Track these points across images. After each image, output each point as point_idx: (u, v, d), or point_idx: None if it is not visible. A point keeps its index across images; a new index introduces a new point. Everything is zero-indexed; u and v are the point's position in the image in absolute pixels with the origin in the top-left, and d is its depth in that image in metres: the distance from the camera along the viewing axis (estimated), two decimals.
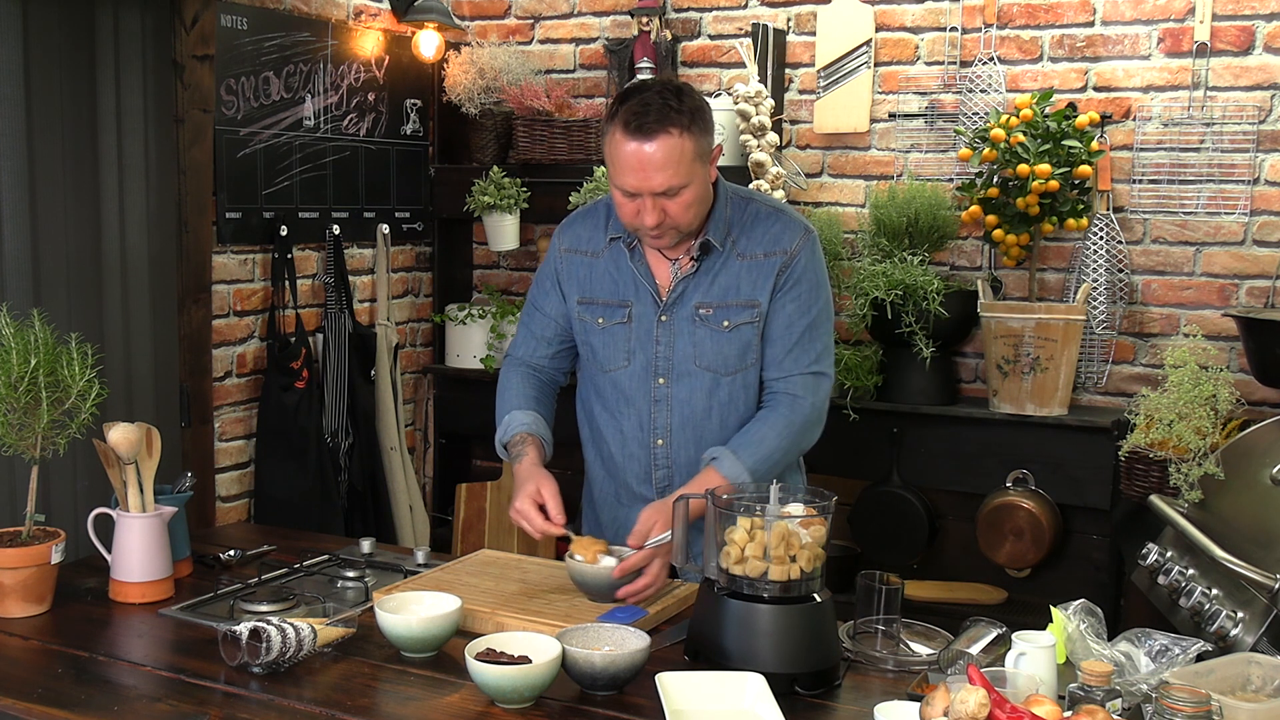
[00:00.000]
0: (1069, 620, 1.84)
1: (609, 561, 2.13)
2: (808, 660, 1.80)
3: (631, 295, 2.32)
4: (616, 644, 1.80)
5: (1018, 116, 3.34)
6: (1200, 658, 1.77)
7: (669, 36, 3.84)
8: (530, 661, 1.71)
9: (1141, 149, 3.39)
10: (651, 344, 2.31)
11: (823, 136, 3.76)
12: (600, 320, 2.35)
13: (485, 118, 3.94)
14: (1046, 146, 3.29)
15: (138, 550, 2.15)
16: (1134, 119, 3.39)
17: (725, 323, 2.27)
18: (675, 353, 2.29)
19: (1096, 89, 3.44)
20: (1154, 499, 2.64)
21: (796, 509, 1.87)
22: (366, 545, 2.47)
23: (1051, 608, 1.87)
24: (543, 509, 2.18)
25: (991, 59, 3.52)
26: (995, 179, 3.41)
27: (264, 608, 2.07)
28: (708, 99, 3.67)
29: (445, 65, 3.97)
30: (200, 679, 1.81)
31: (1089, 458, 3.26)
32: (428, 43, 3.90)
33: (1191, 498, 2.59)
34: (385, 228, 3.91)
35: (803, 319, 2.27)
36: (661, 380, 2.31)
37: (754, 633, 1.80)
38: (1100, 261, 3.40)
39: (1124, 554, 3.10)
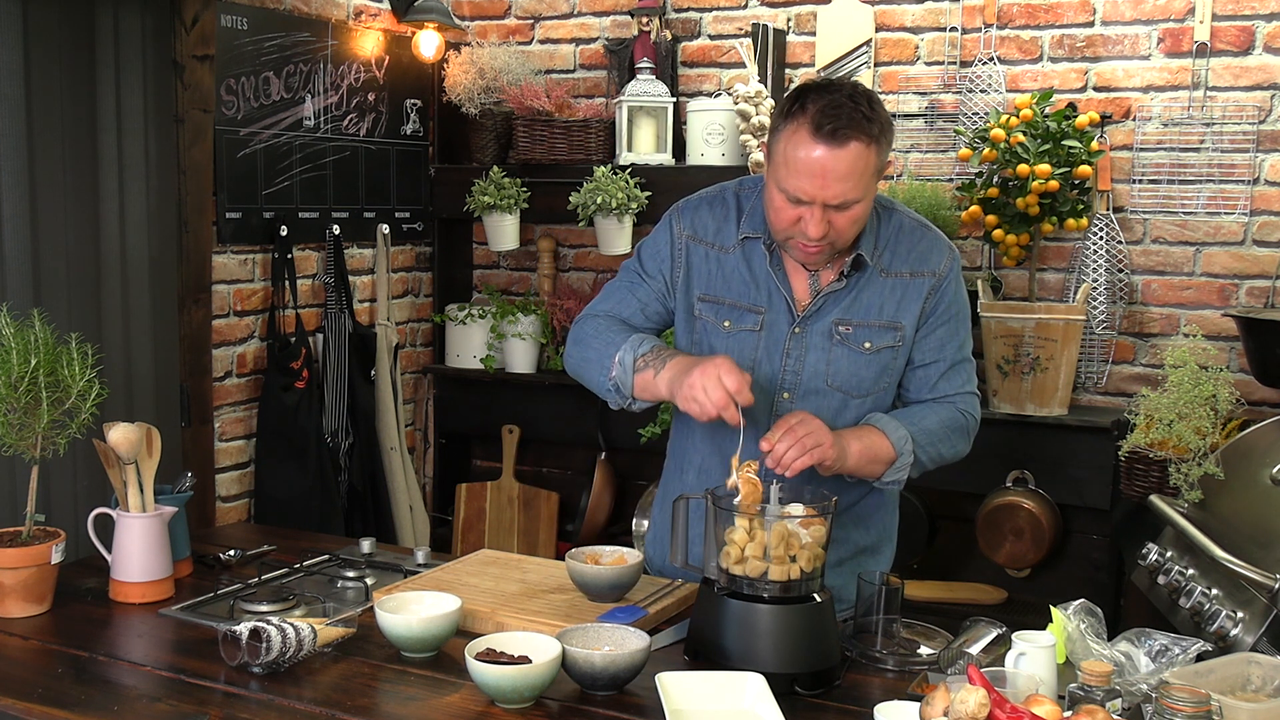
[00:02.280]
0: (1069, 620, 1.84)
1: (609, 561, 2.14)
2: (808, 660, 1.80)
3: (765, 302, 2.13)
4: (616, 644, 1.80)
5: (1018, 116, 3.34)
6: (1200, 658, 1.77)
7: (669, 36, 3.84)
8: (530, 661, 1.71)
9: (1141, 149, 3.39)
10: (780, 356, 2.13)
11: None
12: (727, 324, 2.15)
13: (485, 118, 3.94)
14: (1046, 146, 3.29)
15: (138, 550, 2.15)
16: (1134, 119, 3.39)
17: (867, 344, 2.12)
18: (805, 368, 2.12)
19: (1096, 89, 3.44)
20: (1154, 499, 2.64)
21: (796, 509, 1.87)
22: (366, 545, 2.47)
23: (1051, 608, 1.87)
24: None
25: (991, 59, 3.52)
26: (995, 179, 3.41)
27: (264, 608, 2.07)
28: (708, 99, 3.69)
29: (445, 65, 3.97)
30: (200, 679, 1.81)
31: (1089, 458, 3.26)
32: (428, 43, 3.90)
33: (1191, 498, 2.59)
34: (385, 228, 3.91)
35: (955, 341, 2.16)
36: (785, 395, 2.13)
37: (754, 633, 1.80)
38: (1100, 261, 3.40)
39: (1124, 554, 3.10)
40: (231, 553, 2.40)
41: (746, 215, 2.15)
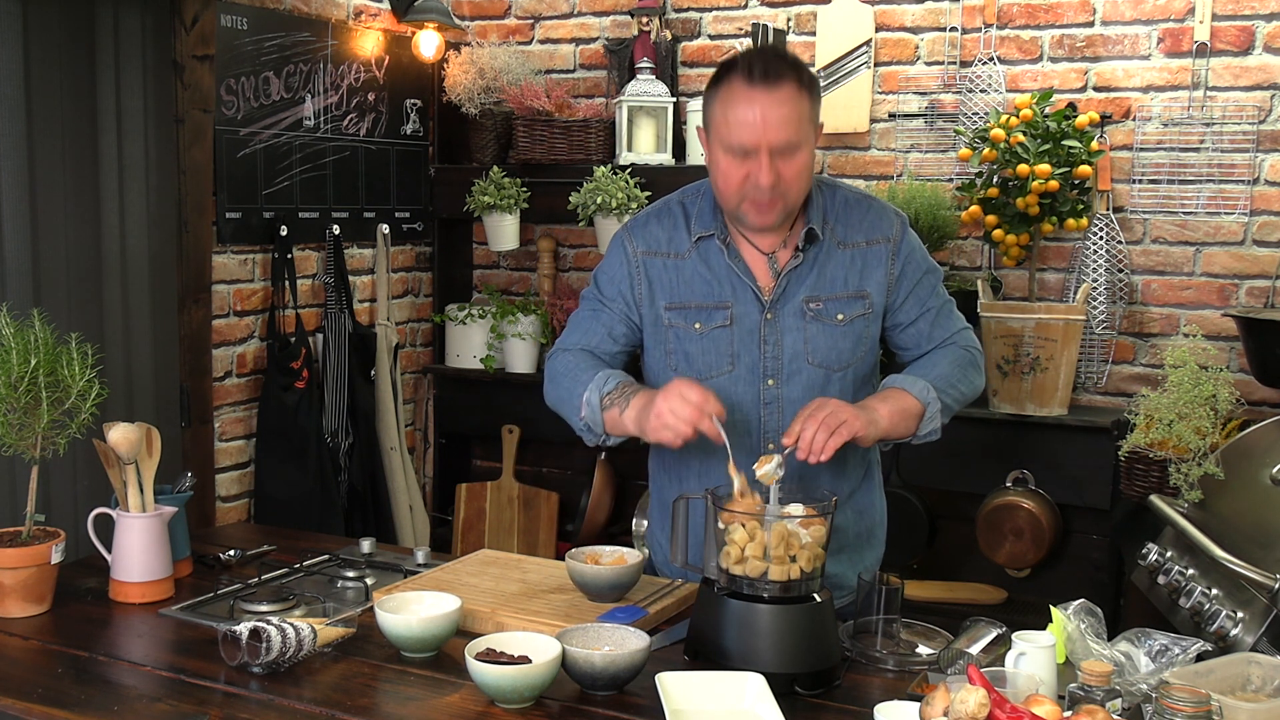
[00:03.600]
0: (1069, 620, 1.84)
1: (609, 561, 2.14)
2: (808, 660, 1.80)
3: (730, 296, 2.16)
4: (616, 644, 1.80)
5: (1018, 116, 3.34)
6: (1200, 658, 1.77)
7: (669, 36, 3.84)
8: (530, 661, 1.71)
9: (1141, 149, 3.39)
10: (757, 345, 2.16)
11: (823, 136, 3.74)
12: (698, 325, 2.17)
13: (485, 118, 3.95)
14: (1046, 146, 3.29)
15: (138, 550, 2.14)
16: (1134, 119, 3.39)
17: (840, 316, 2.16)
18: (784, 351, 2.15)
19: (1096, 89, 3.44)
20: (1154, 499, 2.64)
21: (796, 509, 1.87)
22: (366, 545, 2.47)
23: (1051, 608, 1.87)
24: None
25: (991, 59, 3.52)
26: (995, 179, 3.41)
27: (264, 608, 2.07)
28: (701, 95, 3.69)
29: (445, 65, 3.97)
30: (200, 679, 1.81)
31: (1089, 458, 3.26)
32: (428, 43, 3.90)
33: (1191, 498, 2.59)
34: (385, 228, 3.91)
35: (935, 290, 2.23)
36: (770, 382, 2.16)
37: (754, 633, 1.80)
38: (1100, 261, 3.40)
39: (1124, 554, 3.09)
40: (231, 553, 2.40)
41: (695, 217, 2.20)
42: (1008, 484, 3.37)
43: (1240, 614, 2.21)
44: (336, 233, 3.68)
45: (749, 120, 2.00)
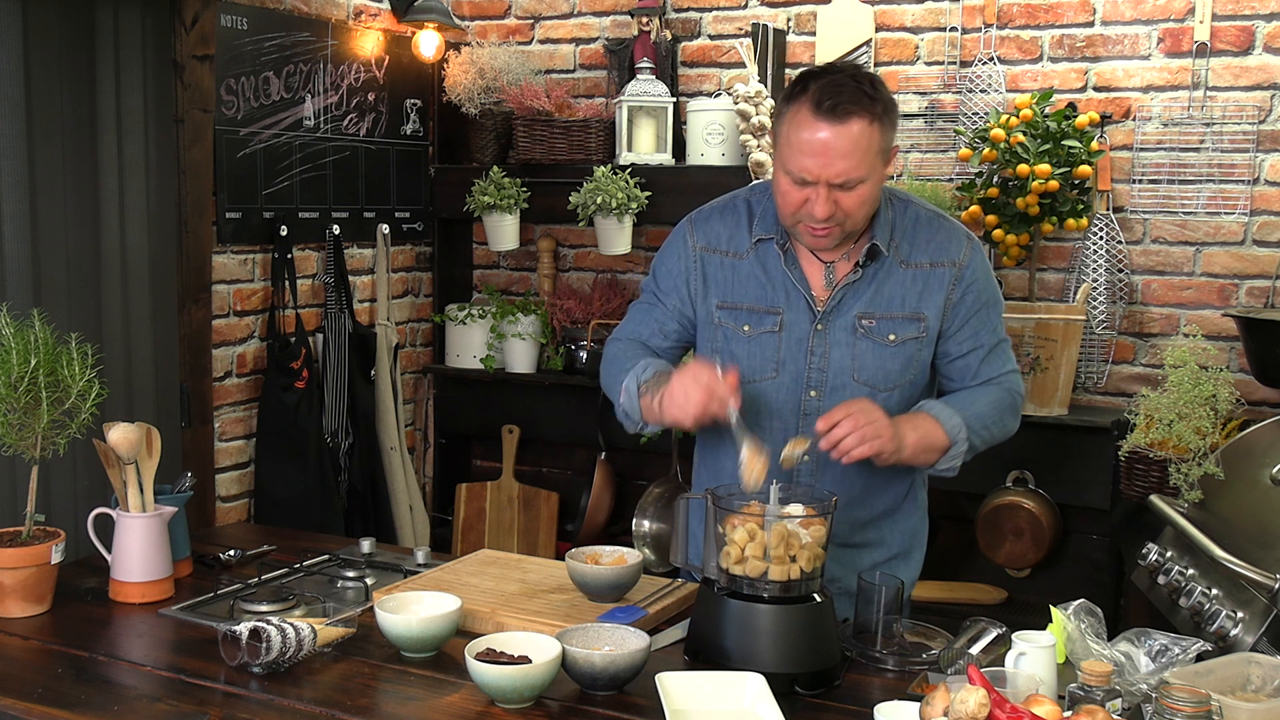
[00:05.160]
0: (1069, 620, 1.84)
1: (609, 561, 2.14)
2: (808, 660, 1.80)
3: (782, 302, 2.13)
4: (616, 644, 1.80)
5: (1018, 116, 3.34)
6: (1200, 658, 1.77)
7: (669, 36, 3.84)
8: (530, 661, 1.71)
9: (1141, 149, 3.39)
10: (804, 355, 2.12)
11: None
12: (747, 328, 2.15)
13: (485, 118, 3.94)
14: (1046, 146, 3.29)
15: (138, 550, 2.14)
16: (1134, 119, 3.39)
17: (891, 336, 2.11)
18: (830, 364, 2.12)
19: (1096, 89, 3.44)
20: (1154, 499, 2.64)
21: (796, 509, 1.87)
22: (366, 545, 2.47)
23: (1051, 608, 1.87)
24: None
25: (991, 59, 3.52)
26: (995, 179, 3.41)
27: (264, 608, 2.07)
28: (708, 99, 3.69)
29: (445, 65, 3.97)
30: (200, 679, 1.81)
31: (1089, 458, 3.26)
32: (428, 43, 3.90)
33: (1191, 498, 2.59)
34: (385, 228, 3.91)
35: (992, 325, 2.17)
36: (813, 393, 2.13)
37: (754, 633, 1.80)
38: (1100, 261, 3.40)
39: (1124, 554, 3.10)
40: (231, 553, 2.40)
41: (759, 218, 2.16)
42: (1008, 484, 3.37)
43: (1240, 614, 2.21)
44: (336, 233, 3.68)
45: (811, 152, 1.95)
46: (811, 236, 2.05)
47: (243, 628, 1.81)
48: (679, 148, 3.76)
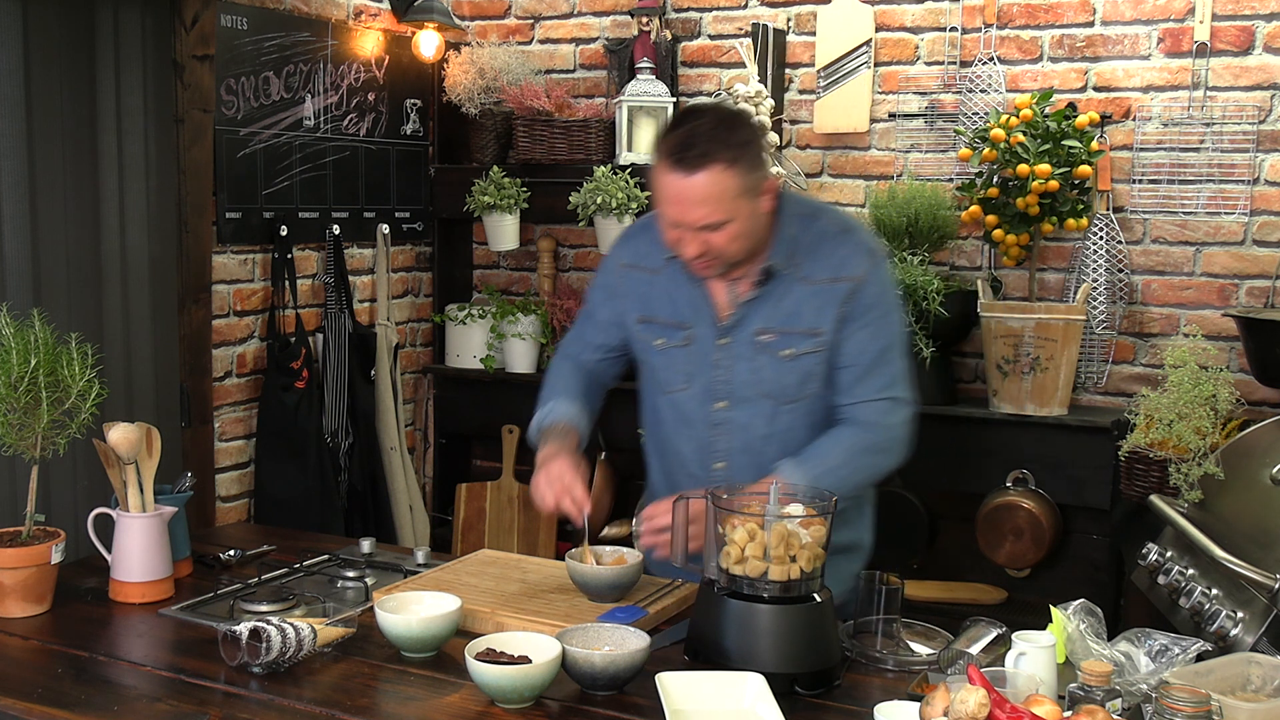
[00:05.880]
0: (1069, 620, 1.84)
1: (609, 561, 2.14)
2: (808, 660, 1.80)
3: (690, 317, 2.24)
4: (616, 644, 1.80)
5: (1018, 116, 3.34)
6: (1200, 658, 1.77)
7: (669, 36, 3.84)
8: (530, 661, 1.71)
9: (1141, 149, 3.39)
10: (710, 368, 2.23)
11: (823, 136, 3.76)
12: (659, 341, 2.28)
13: (485, 118, 3.95)
14: (1046, 146, 3.29)
15: (138, 550, 2.15)
16: (1134, 119, 3.39)
17: (787, 350, 2.18)
18: (735, 377, 2.21)
19: (1096, 89, 3.44)
20: (1154, 499, 2.64)
21: (796, 509, 1.87)
22: (366, 545, 2.47)
23: (1051, 608, 1.87)
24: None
25: (991, 59, 3.52)
26: (995, 179, 3.41)
27: (264, 608, 2.07)
28: (708, 99, 3.68)
29: (445, 65, 3.97)
30: (200, 679, 1.81)
31: (1089, 458, 3.26)
32: (428, 43, 3.90)
33: (1191, 498, 2.59)
34: (385, 228, 3.91)
35: (874, 345, 2.18)
36: (721, 404, 2.23)
37: (754, 633, 1.80)
38: (1100, 261, 3.40)
39: (1124, 554, 3.10)
40: (231, 553, 2.40)
41: None
42: (1008, 484, 3.37)
43: (1240, 614, 2.21)
44: (336, 233, 3.68)
45: (670, 201, 2.06)
46: (693, 268, 2.17)
47: (243, 628, 1.81)
48: None
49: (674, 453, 2.34)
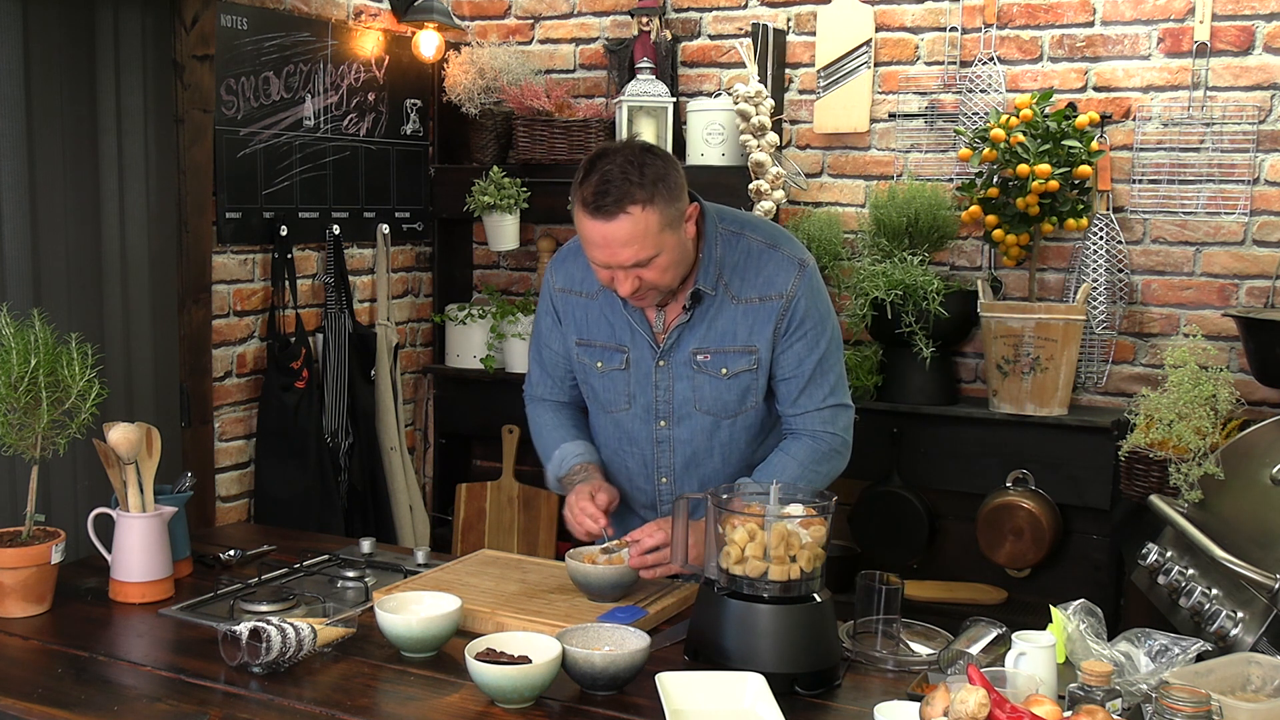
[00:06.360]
0: (1069, 620, 1.84)
1: (609, 559, 2.14)
2: (808, 660, 1.80)
3: (628, 340, 2.30)
4: (616, 644, 1.80)
5: (1018, 116, 3.34)
6: (1200, 658, 1.77)
7: (669, 36, 3.84)
8: (530, 661, 1.71)
9: (1141, 149, 3.39)
10: (650, 388, 2.30)
11: (823, 136, 3.76)
12: (599, 364, 2.33)
13: (485, 118, 3.95)
14: (1046, 146, 3.29)
15: (138, 550, 2.15)
16: (1134, 119, 3.39)
17: (724, 370, 2.25)
18: (675, 397, 2.29)
19: (1096, 89, 3.44)
20: (1154, 499, 2.64)
21: (796, 509, 1.87)
22: (366, 545, 2.47)
23: (1051, 608, 1.87)
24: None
25: (991, 59, 3.52)
26: (995, 179, 3.41)
27: (264, 608, 2.07)
28: (708, 99, 3.68)
29: (445, 65, 3.97)
30: (200, 679, 1.81)
31: (1089, 458, 3.26)
32: (428, 43, 3.90)
33: (1191, 498, 2.59)
34: (385, 228, 3.91)
35: (811, 356, 2.24)
36: (663, 423, 2.31)
37: (754, 633, 1.80)
38: (1100, 261, 3.40)
39: (1124, 554, 3.10)
40: (231, 553, 2.41)
41: None
42: (1008, 484, 3.37)
43: (1240, 614, 2.21)
44: (336, 233, 3.68)
45: (594, 245, 2.08)
46: (631, 302, 2.21)
47: (243, 628, 1.82)
48: (679, 148, 3.76)
49: (620, 467, 2.40)
